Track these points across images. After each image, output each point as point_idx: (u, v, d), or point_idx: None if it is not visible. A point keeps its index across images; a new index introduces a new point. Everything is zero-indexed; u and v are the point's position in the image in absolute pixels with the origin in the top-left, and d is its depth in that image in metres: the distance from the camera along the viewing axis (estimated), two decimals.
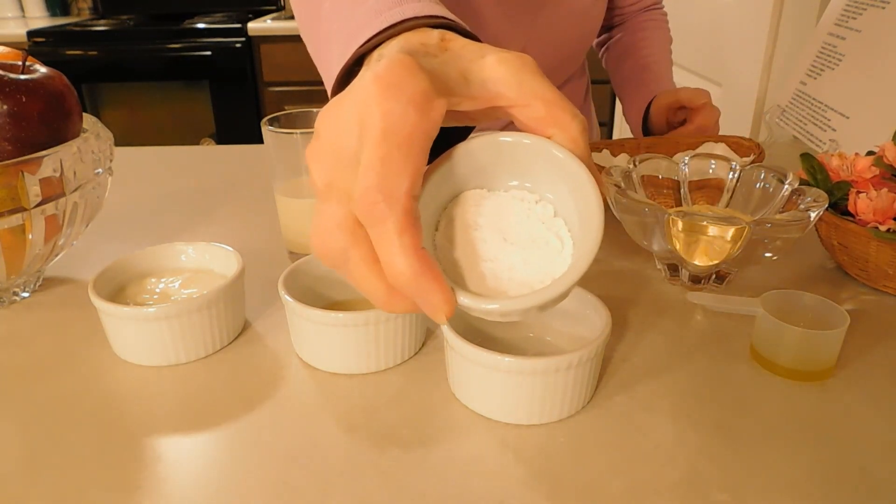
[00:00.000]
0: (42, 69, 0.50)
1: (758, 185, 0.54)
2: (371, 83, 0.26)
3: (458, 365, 0.39)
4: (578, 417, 0.39)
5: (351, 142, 0.27)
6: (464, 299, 0.28)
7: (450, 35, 0.31)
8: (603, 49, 1.03)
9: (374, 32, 0.32)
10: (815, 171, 0.56)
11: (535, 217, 0.31)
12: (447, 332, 0.39)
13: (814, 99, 0.91)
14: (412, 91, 0.26)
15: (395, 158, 0.25)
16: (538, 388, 0.37)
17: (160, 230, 0.66)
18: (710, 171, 0.57)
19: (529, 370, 0.37)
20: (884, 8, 0.82)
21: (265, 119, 0.54)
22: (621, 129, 2.09)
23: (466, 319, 0.43)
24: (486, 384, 0.38)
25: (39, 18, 2.63)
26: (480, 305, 0.28)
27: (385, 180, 0.25)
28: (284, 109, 1.72)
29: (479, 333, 0.44)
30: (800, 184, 0.51)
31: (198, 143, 2.23)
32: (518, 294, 0.29)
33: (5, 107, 0.46)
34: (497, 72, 0.29)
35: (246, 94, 2.27)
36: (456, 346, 0.38)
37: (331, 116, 0.28)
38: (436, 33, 0.31)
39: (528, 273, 0.30)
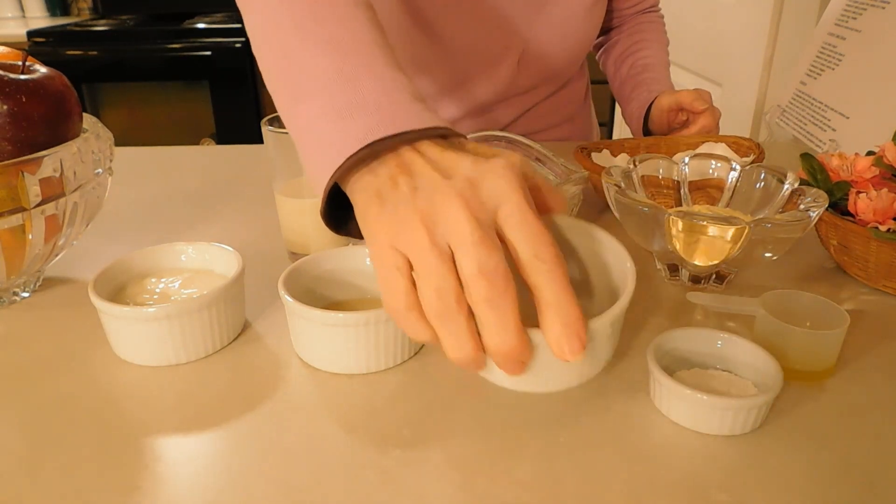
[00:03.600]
0: (42, 69, 0.50)
1: (758, 185, 0.54)
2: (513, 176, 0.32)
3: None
4: (578, 417, 0.39)
5: None
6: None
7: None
8: (600, 51, 1.03)
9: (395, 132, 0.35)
10: (815, 171, 0.56)
11: None
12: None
13: (814, 99, 0.91)
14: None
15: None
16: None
17: (160, 230, 0.66)
18: (710, 171, 0.57)
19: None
20: (884, 8, 0.82)
21: (265, 119, 0.54)
22: (621, 129, 2.09)
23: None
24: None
25: (39, 18, 2.63)
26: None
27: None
28: None
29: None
30: (800, 184, 0.51)
31: (198, 143, 2.23)
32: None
33: (5, 107, 0.46)
34: None
35: (246, 94, 2.26)
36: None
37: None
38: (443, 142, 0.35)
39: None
